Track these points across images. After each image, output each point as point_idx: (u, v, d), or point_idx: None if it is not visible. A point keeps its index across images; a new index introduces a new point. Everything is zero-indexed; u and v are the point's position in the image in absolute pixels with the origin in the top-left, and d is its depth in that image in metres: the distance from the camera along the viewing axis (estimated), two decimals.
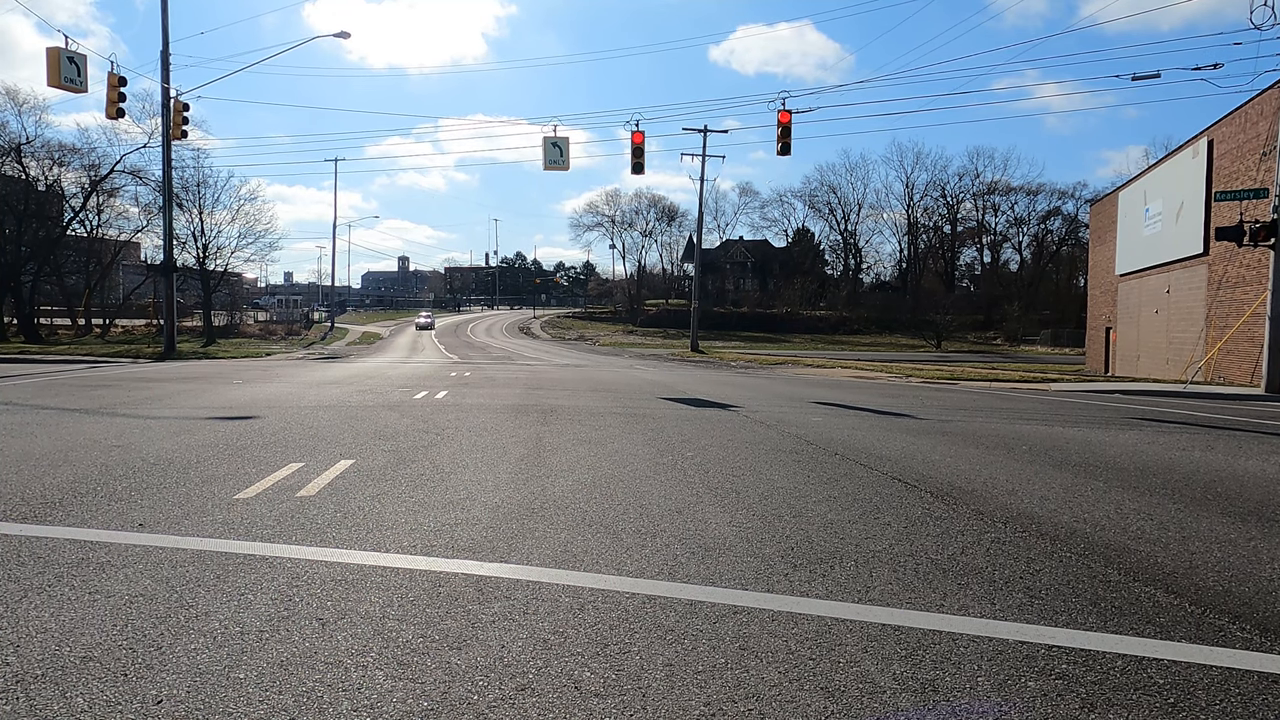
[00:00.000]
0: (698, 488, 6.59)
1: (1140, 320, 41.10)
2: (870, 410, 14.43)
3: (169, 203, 39.71)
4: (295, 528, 5.11)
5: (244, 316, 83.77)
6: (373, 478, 6.90)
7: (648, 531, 5.05)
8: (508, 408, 13.52)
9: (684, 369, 34.00)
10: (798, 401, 16.34)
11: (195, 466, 7.39)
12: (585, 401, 15.10)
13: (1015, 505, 6.11)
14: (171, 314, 40.19)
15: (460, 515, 5.47)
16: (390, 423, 11.06)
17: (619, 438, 9.87)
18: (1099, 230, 49.94)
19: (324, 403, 14.26)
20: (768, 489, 6.57)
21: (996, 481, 7.16)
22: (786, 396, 17.93)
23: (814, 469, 7.64)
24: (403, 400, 14.84)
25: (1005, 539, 5.03)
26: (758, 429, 11.01)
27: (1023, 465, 8.18)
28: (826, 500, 6.16)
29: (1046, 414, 14.84)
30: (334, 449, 8.53)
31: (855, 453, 8.78)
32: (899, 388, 23.23)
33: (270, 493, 6.24)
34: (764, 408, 14.36)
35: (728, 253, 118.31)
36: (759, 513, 5.66)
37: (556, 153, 26.91)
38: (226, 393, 16.61)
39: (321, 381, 20.91)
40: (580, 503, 5.94)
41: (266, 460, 7.77)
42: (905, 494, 6.47)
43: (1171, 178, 36.73)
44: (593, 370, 30.16)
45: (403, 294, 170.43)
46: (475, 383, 20.89)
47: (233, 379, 21.74)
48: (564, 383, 21.58)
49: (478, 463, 7.74)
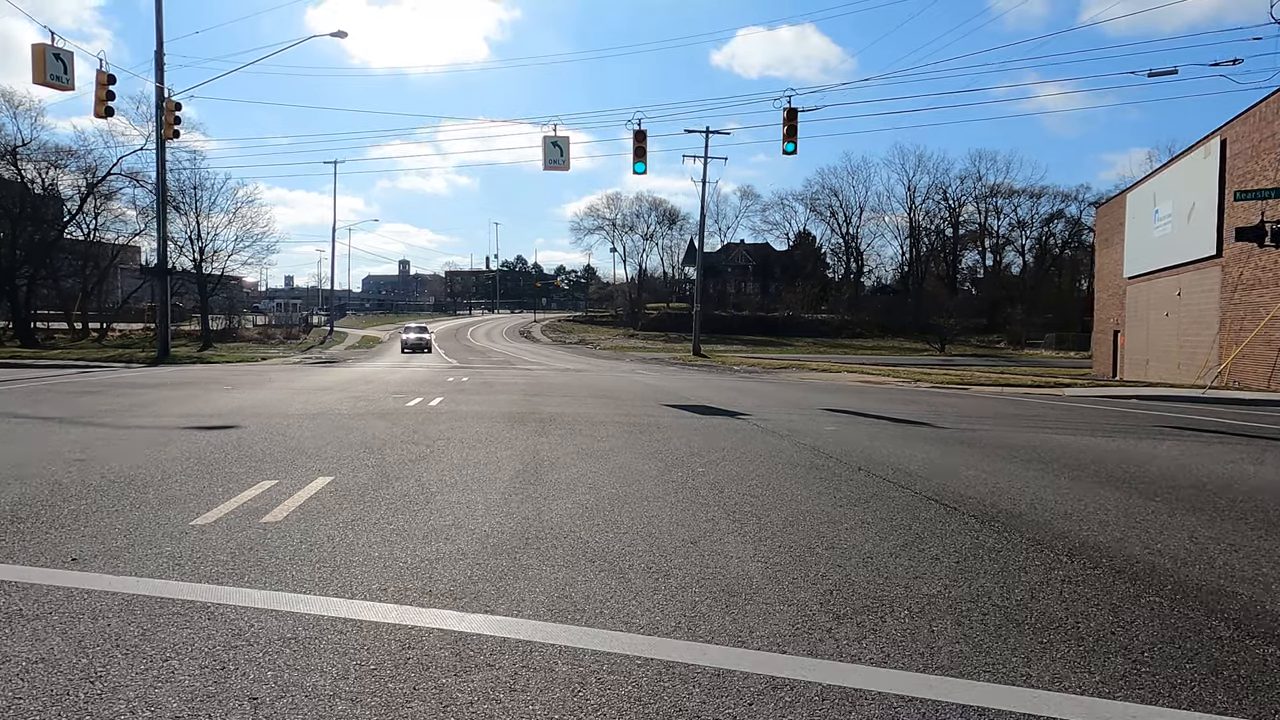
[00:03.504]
0: (713, 511, 5.88)
1: (1150, 323, 40.36)
2: (885, 418, 13.72)
3: (163, 204, 39.04)
4: (251, 564, 4.41)
5: (242, 320, 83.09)
6: (350, 499, 6.20)
7: (659, 569, 4.34)
8: (504, 416, 12.82)
9: (686, 374, 33.28)
10: (807, 408, 15.63)
11: (157, 485, 6.68)
12: (586, 409, 14.40)
13: (1075, 533, 5.39)
14: (165, 318, 39.50)
15: (443, 548, 4.76)
16: (378, 433, 10.36)
17: (622, 450, 9.16)
18: (1106, 233, 49.22)
19: (312, 410, 13.56)
20: (792, 512, 5.86)
21: (1044, 502, 6.45)
22: (794, 403, 17.22)
23: (839, 487, 6.93)
24: (395, 408, 14.14)
25: (1077, 577, 4.31)
26: (770, 439, 10.29)
27: (1066, 482, 7.47)
28: (860, 526, 5.45)
29: (1070, 422, 14.13)
30: (314, 464, 7.82)
31: (880, 467, 8.06)
32: (909, 393, 22.51)
33: (232, 518, 5.53)
34: (773, 415, 13.65)
35: (729, 256, 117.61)
36: (785, 543, 4.95)
37: (557, 152, 26.23)
38: (213, 399, 15.91)
39: (314, 387, 20.20)
40: (581, 530, 5.23)
41: (237, 477, 7.07)
42: (946, 519, 5.75)
43: (1182, 178, 36.02)
44: (593, 375, 29.46)
45: (403, 298, 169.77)
46: (472, 388, 20.18)
47: (223, 384, 21.05)
48: (564, 389, 20.88)
49: (468, 481, 7.03)
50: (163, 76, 36.02)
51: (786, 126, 24.39)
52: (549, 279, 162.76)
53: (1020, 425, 13.24)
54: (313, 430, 10.63)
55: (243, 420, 11.83)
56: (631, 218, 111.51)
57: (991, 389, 25.16)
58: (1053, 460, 8.91)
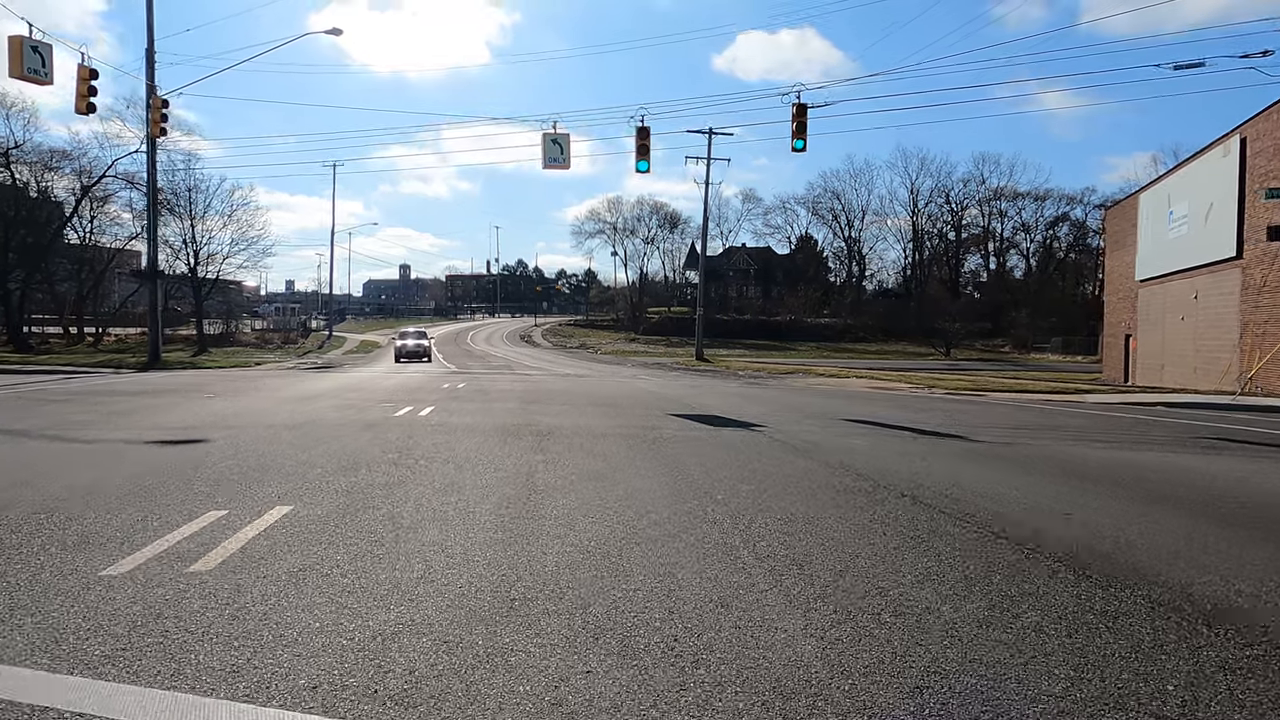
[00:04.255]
0: (742, 555, 4.83)
1: (1164, 327, 39.32)
2: (910, 429, 12.70)
3: (153, 205, 38.08)
4: (149, 642, 3.38)
5: (240, 325, 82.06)
6: (305, 537, 5.17)
7: (685, 651, 3.30)
8: (499, 428, 11.79)
9: (690, 379, 32.25)
10: (824, 418, 14.60)
11: (82, 517, 5.66)
12: (586, 420, 13.38)
13: (1198, 589, 4.33)
14: (156, 322, 38.53)
15: (404, 615, 3.72)
16: (359, 449, 9.33)
17: (627, 470, 8.13)
18: (1117, 235, 48.20)
19: (294, 420, 12.54)
20: (839, 559, 4.80)
21: (1130, 540, 5.42)
22: (809, 412, 16.19)
23: (886, 521, 5.89)
24: (382, 418, 13.11)
25: (1240, 664, 3.28)
26: (793, 457, 9.25)
27: (1141, 509, 6.45)
28: (927, 580, 4.41)
29: (1110, 433, 13.10)
30: (276, 488, 6.80)
31: (926, 492, 7.02)
32: (925, 400, 21.48)
33: (154, 565, 4.51)
34: (790, 427, 12.62)
35: (730, 260, 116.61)
36: (841, 607, 3.90)
37: (556, 150, 25.24)
38: (192, 408, 14.90)
39: (301, 395, 19.19)
40: (581, 586, 4.19)
41: (182, 505, 6.05)
42: (1030, 567, 4.71)
43: (1199, 178, 35.00)
44: (595, 381, 28.41)
45: (404, 302, 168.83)
46: (467, 396, 19.15)
47: (209, 392, 20.05)
48: (563, 396, 19.84)
49: (449, 512, 5.99)
50: (153, 74, 35.04)
51: (796, 123, 23.39)
52: (550, 283, 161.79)
53: (1058, 437, 12.22)
54: (287, 445, 9.61)
55: (215, 432, 10.81)
56: (633, 221, 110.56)
57: (1008, 396, 24.13)
58: (1115, 481, 7.88)
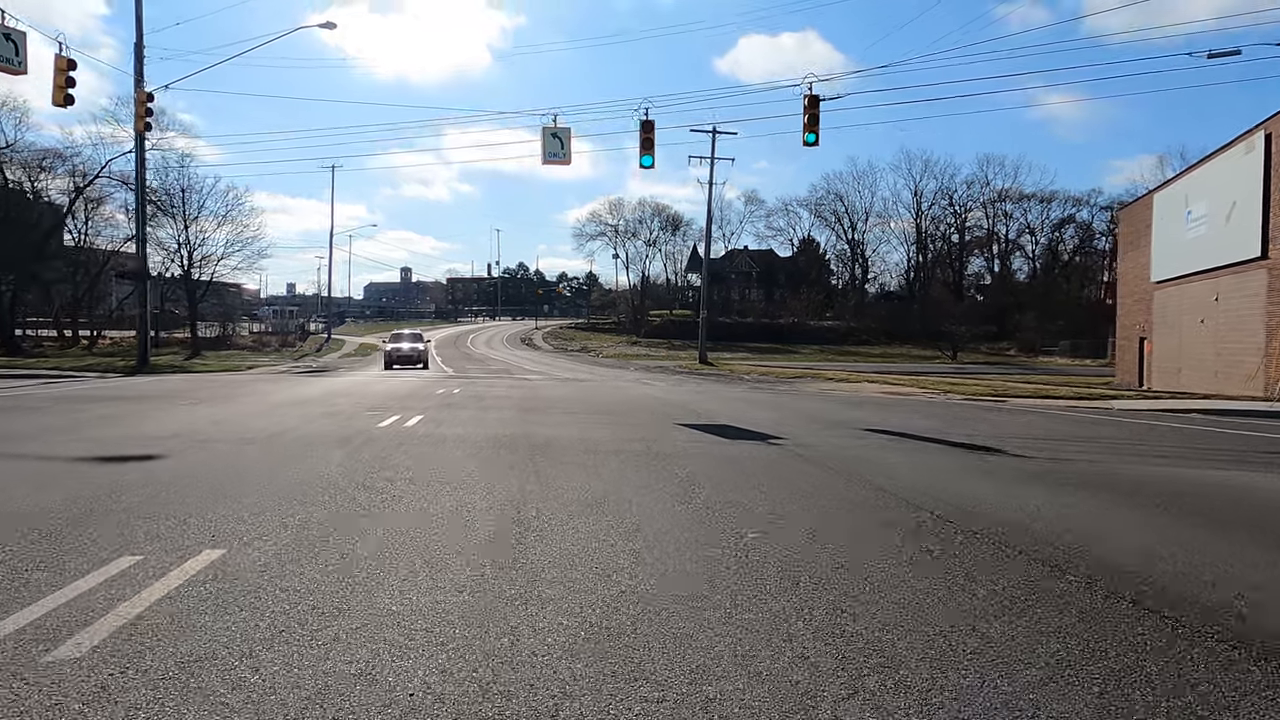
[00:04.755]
0: (800, 637, 3.59)
1: (1182, 330, 38.13)
2: (943, 441, 11.52)
3: (141, 202, 36.96)
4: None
5: (237, 327, 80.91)
6: (223, 601, 3.98)
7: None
8: (490, 441, 10.61)
9: (695, 384, 31.08)
10: (844, 428, 13.43)
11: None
12: (587, 431, 12.20)
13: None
14: (145, 325, 37.36)
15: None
16: (326, 469, 8.14)
17: (635, 496, 6.95)
18: (1130, 236, 47.02)
19: (266, 432, 11.37)
20: (936, 648, 3.55)
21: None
22: (826, 420, 15.02)
23: (970, 574, 4.67)
24: (363, 429, 11.93)
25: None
26: (825, 477, 8.07)
27: (1257, 553, 5.29)
28: (1060, 673, 3.21)
29: (1161, 446, 11.92)
30: (213, 523, 5.62)
31: (1001, 529, 5.81)
32: (946, 408, 20.29)
33: (6, 646, 3.34)
34: (812, 439, 11.44)
35: (732, 262, 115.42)
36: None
37: (557, 144, 24.10)
38: (162, 417, 13.75)
39: (284, 401, 18.03)
40: (581, 696, 3.01)
41: (90, 549, 4.88)
42: (1203, 658, 3.53)
43: (1220, 176, 33.82)
44: (596, 386, 27.23)
45: (404, 305, 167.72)
46: (461, 402, 17.98)
47: (190, 398, 18.92)
48: (563, 403, 18.67)
49: (415, 561, 4.80)
50: (142, 68, 33.93)
51: (807, 115, 22.23)
52: (551, 286, 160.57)
53: (1109, 451, 11.05)
54: (249, 463, 8.44)
55: (176, 447, 9.64)
56: (634, 224, 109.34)
57: (1031, 402, 22.95)
58: (1195, 508, 6.71)
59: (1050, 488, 7.70)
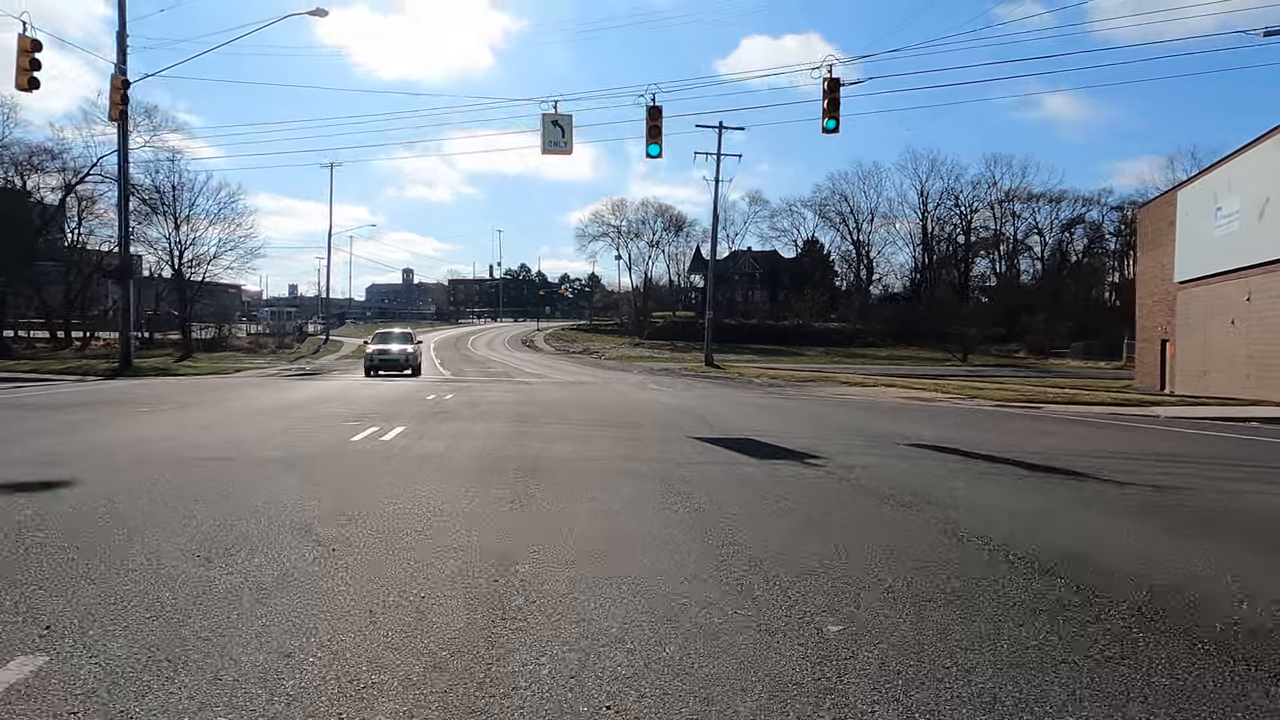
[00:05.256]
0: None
1: (1208, 332, 36.53)
2: (1006, 460, 9.96)
3: (124, 197, 35.47)
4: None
5: (234, 329, 79.45)
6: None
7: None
8: (474, 461, 9.05)
9: (704, 388, 29.52)
10: (883, 442, 11.87)
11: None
12: (590, 446, 10.66)
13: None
14: (127, 326, 35.91)
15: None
16: (264, 506, 6.56)
17: (654, 547, 5.35)
18: (1151, 234, 45.43)
19: (216, 451, 9.82)
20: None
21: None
22: (859, 431, 13.47)
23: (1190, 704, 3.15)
24: (335, 445, 10.38)
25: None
26: (897, 519, 6.46)
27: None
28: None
29: (1259, 463, 10.35)
30: (60, 604, 4.05)
31: (1190, 611, 4.28)
32: (985, 416, 18.73)
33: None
34: (852, 457, 9.87)
35: (736, 264, 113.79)
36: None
37: (558, 133, 22.55)
38: (108, 429, 12.25)
39: (259, 409, 16.51)
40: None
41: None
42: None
43: (1253, 171, 32.23)
44: (600, 391, 25.66)
45: (406, 306, 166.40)
46: (452, 410, 16.43)
47: (157, 405, 17.42)
48: (564, 410, 17.12)
49: (331, 687, 3.23)
50: (124, 56, 32.47)
51: (827, 100, 20.66)
52: (553, 287, 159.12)
53: (1205, 474, 9.49)
54: (173, 494, 6.88)
55: (96, 470, 8.09)
56: (637, 224, 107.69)
57: (1068, 409, 21.40)
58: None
59: (1197, 532, 6.12)
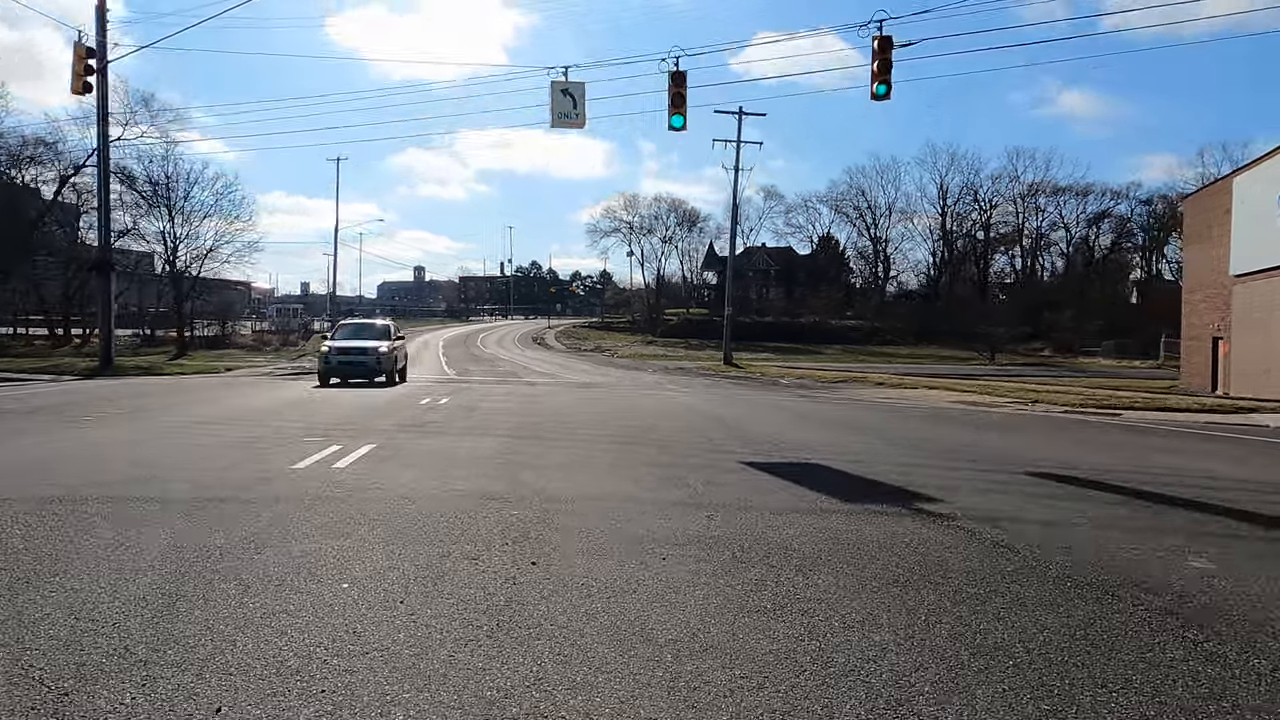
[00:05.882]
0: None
1: (1270, 328, 33.60)
2: (1182, 502, 7.30)
3: (104, 181, 33.02)
4: None
5: (238, 326, 77.26)
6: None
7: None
8: (447, 506, 6.41)
9: (728, 390, 26.84)
10: (986, 468, 9.18)
11: None
12: (612, 480, 8.02)
13: None
14: (107, 323, 33.52)
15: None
16: (78, 601, 4.00)
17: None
18: (1199, 226, 42.45)
19: (107, 480, 7.22)
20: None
21: None
22: (945, 451, 10.79)
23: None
24: (261, 475, 7.76)
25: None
26: (1169, 648, 3.84)
27: None
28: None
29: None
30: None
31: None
32: (1063, 427, 15.99)
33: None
34: (975, 498, 7.14)
35: (750, 260, 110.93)
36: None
37: (569, 103, 19.94)
38: (6, 447, 9.72)
39: (211, 418, 13.98)
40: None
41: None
42: None
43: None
44: (616, 393, 22.98)
45: (417, 304, 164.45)
46: (441, 420, 13.80)
47: (109, 410, 15.03)
48: (574, 421, 14.50)
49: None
50: (104, 29, 30.05)
51: (877, 62, 17.93)
52: (564, 284, 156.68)
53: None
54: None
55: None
56: (650, 220, 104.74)
57: (1153, 415, 18.66)
58: None
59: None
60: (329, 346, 24.37)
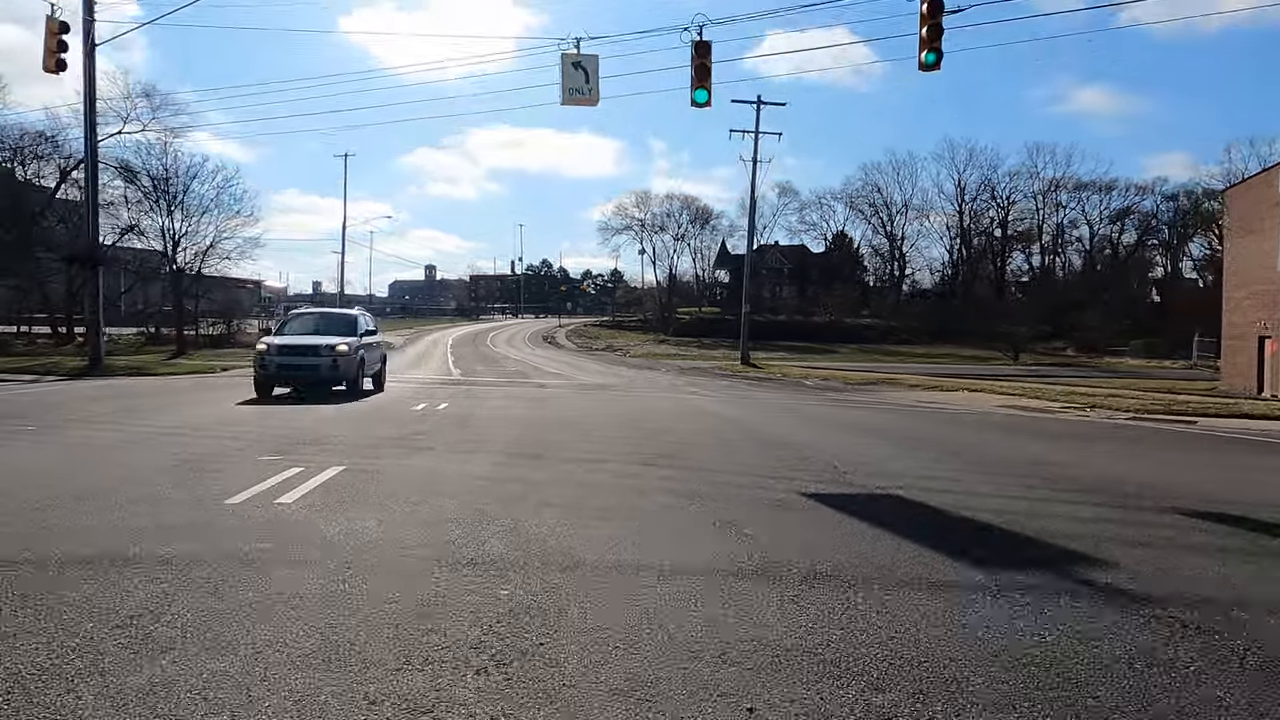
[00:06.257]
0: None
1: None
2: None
3: (92, 172, 31.34)
4: None
5: (244, 325, 76.01)
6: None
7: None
8: (413, 575, 4.55)
9: (750, 392, 24.92)
10: (1130, 505, 7.22)
11: None
12: (638, 526, 6.14)
13: None
14: (98, 321, 31.88)
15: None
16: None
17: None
18: (1244, 219, 40.14)
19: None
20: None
21: None
22: (1051, 481, 8.86)
23: None
24: (186, 517, 5.91)
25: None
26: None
27: None
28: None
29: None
30: None
31: None
32: (1144, 439, 14.02)
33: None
34: (1152, 558, 5.20)
35: (764, 258, 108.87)
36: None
37: (580, 78, 18.01)
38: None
39: (172, 427, 12.18)
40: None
41: None
42: None
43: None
44: (631, 395, 21.07)
45: (427, 302, 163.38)
46: (429, 436, 11.88)
47: (67, 418, 13.33)
48: (586, 430, 12.59)
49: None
50: (92, 9, 28.33)
51: (926, 27, 15.96)
52: (575, 283, 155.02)
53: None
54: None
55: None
56: (662, 217, 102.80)
57: (1226, 421, 16.68)
58: None
59: None
60: (268, 344, 18.34)
